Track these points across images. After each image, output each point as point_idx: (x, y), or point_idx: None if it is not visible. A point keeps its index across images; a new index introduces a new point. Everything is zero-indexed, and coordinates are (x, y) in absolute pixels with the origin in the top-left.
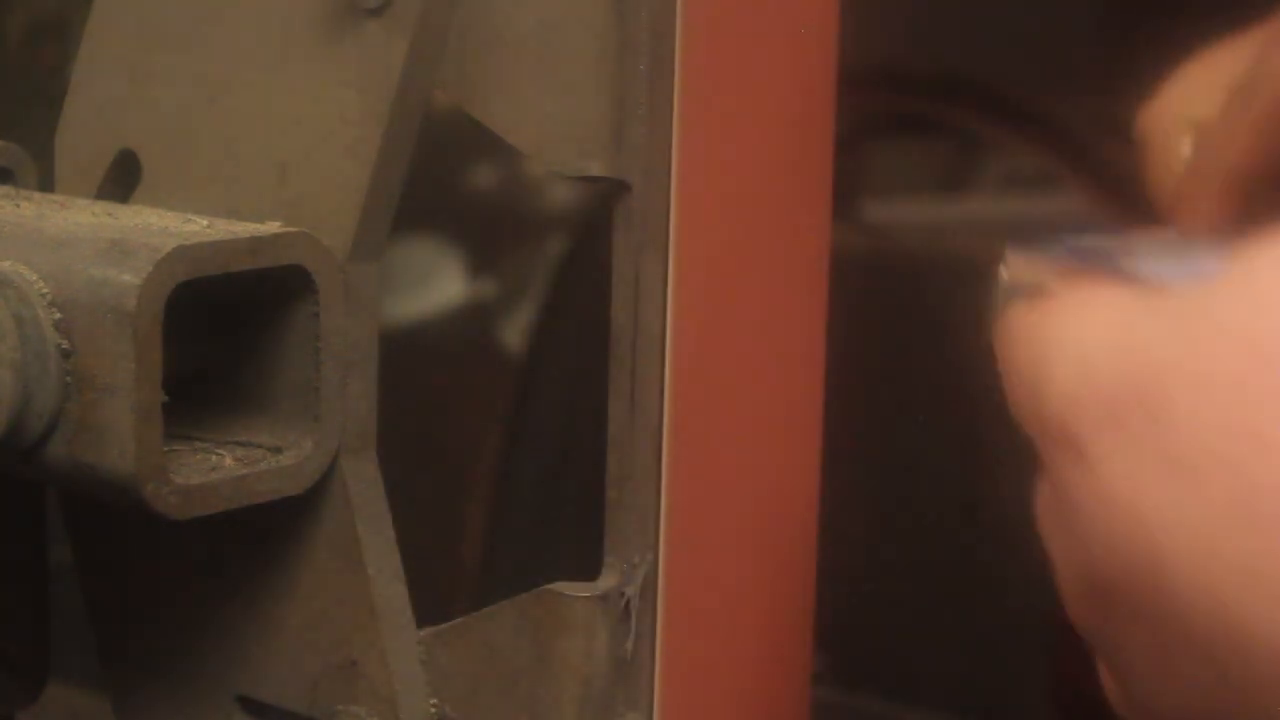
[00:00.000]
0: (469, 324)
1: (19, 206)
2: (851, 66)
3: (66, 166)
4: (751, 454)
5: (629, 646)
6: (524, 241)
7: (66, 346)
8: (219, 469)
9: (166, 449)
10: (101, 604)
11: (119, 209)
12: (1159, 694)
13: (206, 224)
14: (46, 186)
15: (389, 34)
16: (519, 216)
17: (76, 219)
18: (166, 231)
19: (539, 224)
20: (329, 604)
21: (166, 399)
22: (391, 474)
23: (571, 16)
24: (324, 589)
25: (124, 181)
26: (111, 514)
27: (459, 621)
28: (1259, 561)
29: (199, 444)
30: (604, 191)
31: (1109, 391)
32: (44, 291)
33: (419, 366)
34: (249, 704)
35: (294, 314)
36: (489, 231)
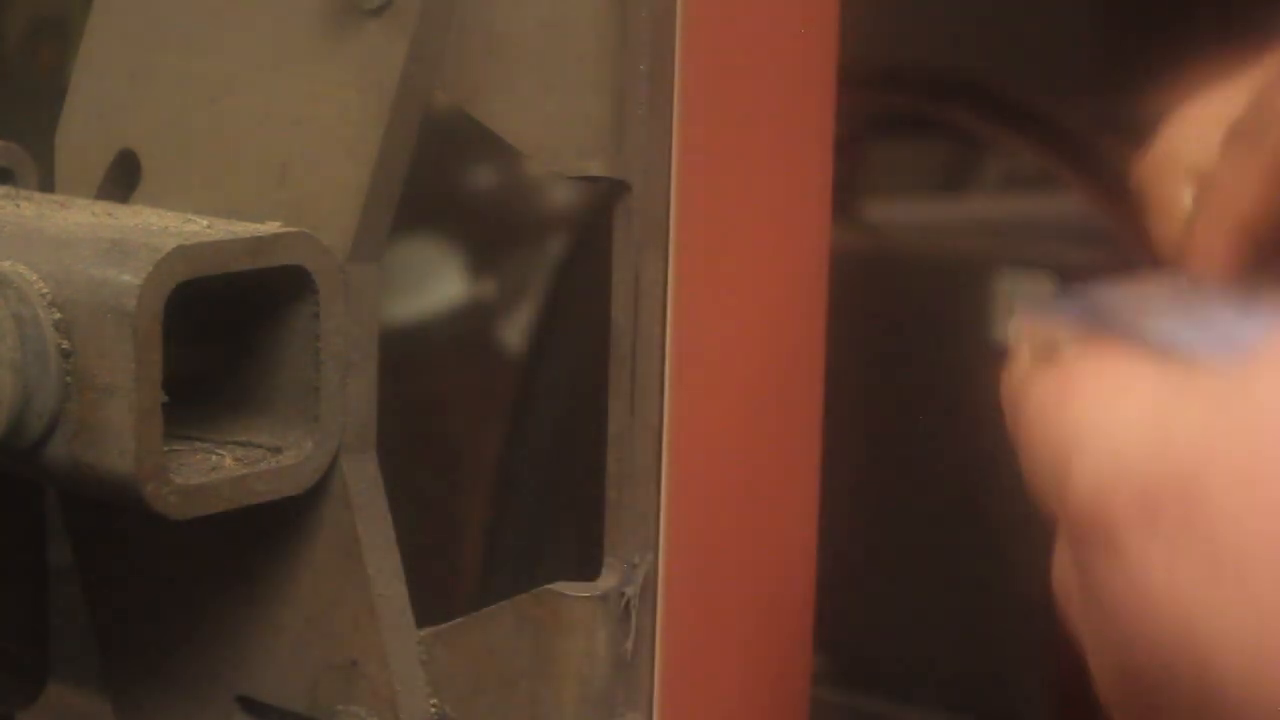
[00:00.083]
0: (469, 324)
1: (19, 206)
2: (851, 66)
3: (66, 166)
4: (751, 454)
5: (629, 646)
6: (524, 241)
7: (66, 346)
8: (219, 469)
9: (166, 449)
10: (101, 604)
11: (119, 209)
12: None
13: (206, 224)
14: (46, 186)
15: (389, 34)
16: (519, 216)
17: (76, 219)
18: (166, 231)
19: (539, 224)
20: (329, 604)
21: (166, 399)
22: (391, 474)
23: (571, 16)
24: (324, 589)
25: (124, 181)
26: (111, 514)
27: (459, 621)
28: None
29: (199, 444)
30: (604, 191)
31: (1142, 486)
32: (44, 291)
33: (419, 366)
34: (249, 704)
35: (294, 314)
36: (489, 231)
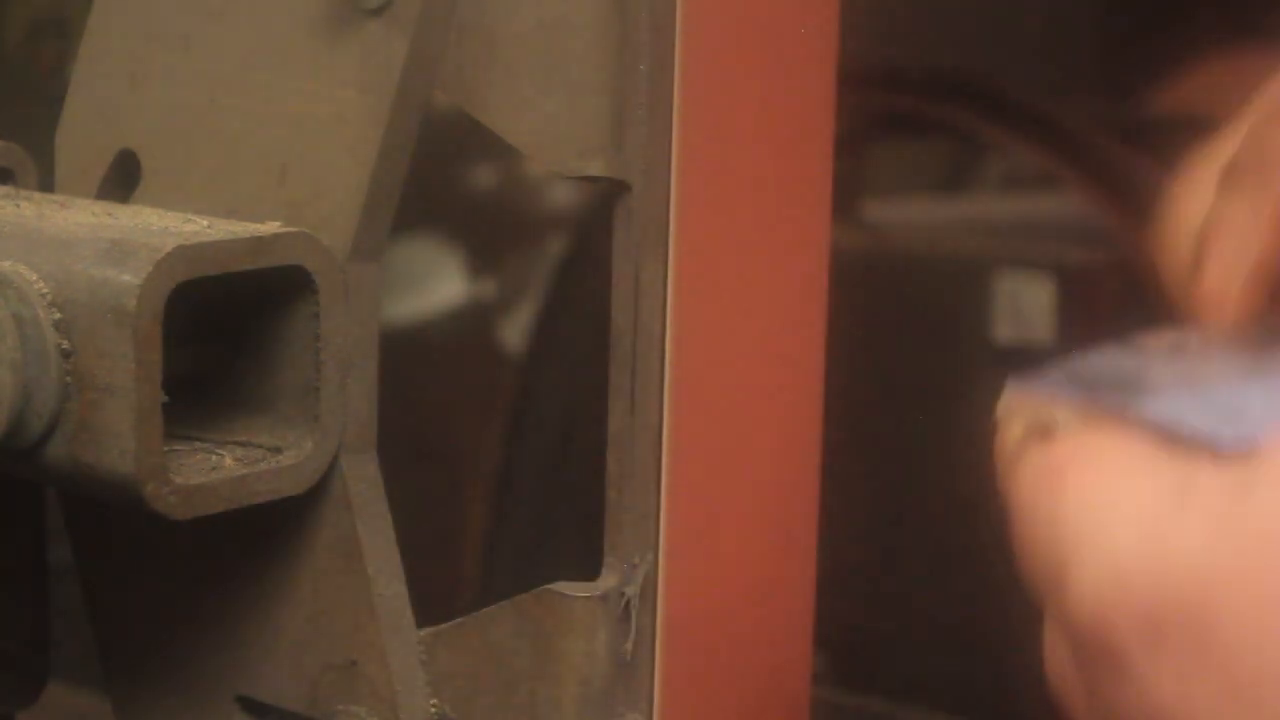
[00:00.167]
0: (469, 324)
1: (19, 206)
2: (851, 66)
3: (66, 166)
4: (751, 454)
5: (629, 646)
6: (524, 241)
7: (66, 346)
8: (219, 469)
9: (166, 449)
10: (101, 604)
11: (119, 209)
12: None
13: (206, 224)
14: (46, 186)
15: (389, 34)
16: (519, 216)
17: (76, 219)
18: (166, 231)
19: (539, 224)
20: (329, 604)
21: (166, 399)
22: (391, 474)
23: (571, 16)
24: (324, 589)
25: (124, 181)
26: (111, 514)
27: (459, 621)
28: None
29: (199, 444)
30: (604, 191)
31: (1146, 608)
32: (44, 291)
33: (419, 366)
34: (249, 704)
35: (294, 314)
36: (489, 231)
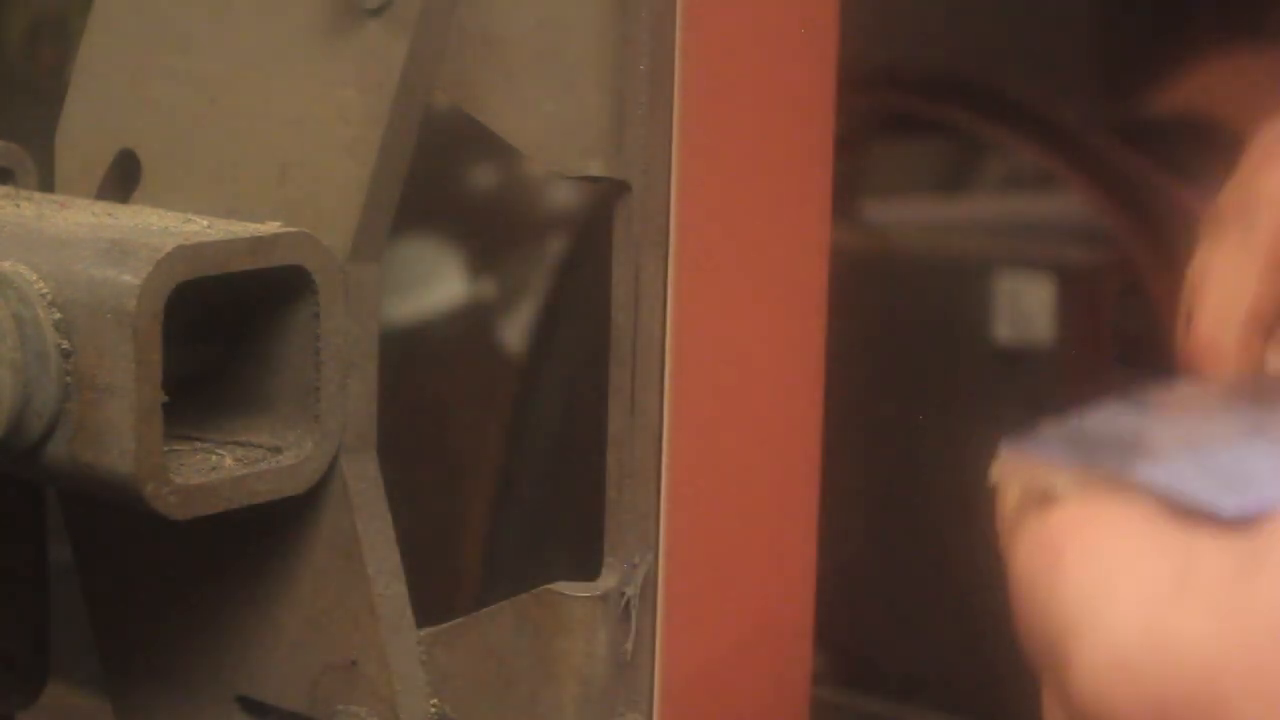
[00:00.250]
0: (469, 324)
1: (19, 206)
2: (851, 66)
3: (66, 166)
4: (751, 454)
5: (629, 646)
6: (524, 241)
7: (66, 346)
8: (219, 469)
9: (166, 449)
10: (101, 604)
11: (119, 209)
12: None
13: (206, 224)
14: (46, 186)
15: (389, 34)
16: (519, 216)
17: (76, 219)
18: (166, 231)
19: (539, 224)
20: (329, 604)
21: (166, 399)
22: (391, 474)
23: (571, 16)
24: (324, 589)
25: (124, 182)
26: (112, 514)
27: (459, 621)
28: None
29: (199, 444)
30: (604, 191)
31: (1152, 692)
32: (44, 291)
33: (420, 366)
34: (249, 704)
35: (294, 314)
36: (489, 231)
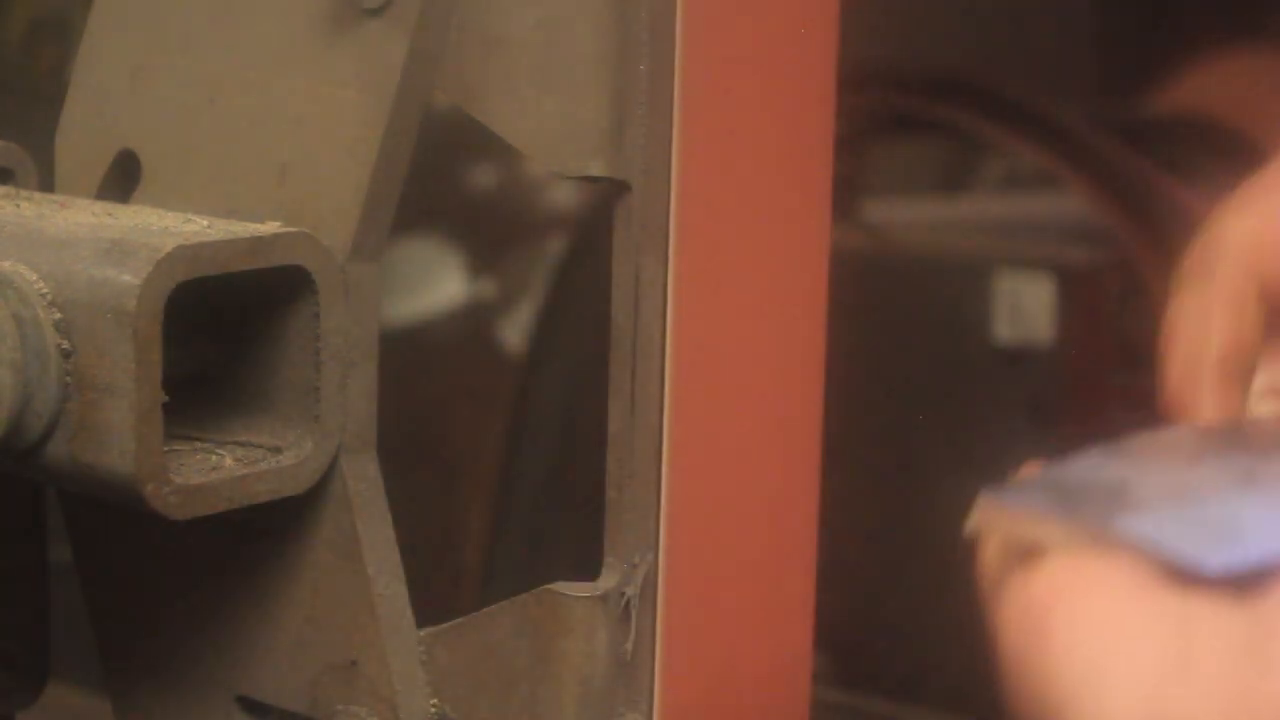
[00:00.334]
0: (469, 324)
1: (19, 206)
2: (851, 66)
3: (66, 166)
4: (751, 454)
5: (629, 646)
6: (524, 241)
7: (66, 346)
8: (219, 469)
9: (166, 449)
10: (101, 604)
11: (119, 209)
12: None
13: (206, 224)
14: (46, 186)
15: (389, 34)
16: (519, 216)
17: (76, 219)
18: (166, 231)
19: (539, 224)
20: (329, 604)
21: (166, 399)
22: (391, 474)
23: (571, 16)
24: (324, 589)
25: (124, 182)
26: (112, 514)
27: (459, 621)
28: None
29: (199, 444)
30: (604, 191)
31: None
32: (44, 291)
33: (419, 366)
34: (249, 704)
35: (294, 314)
36: (489, 231)
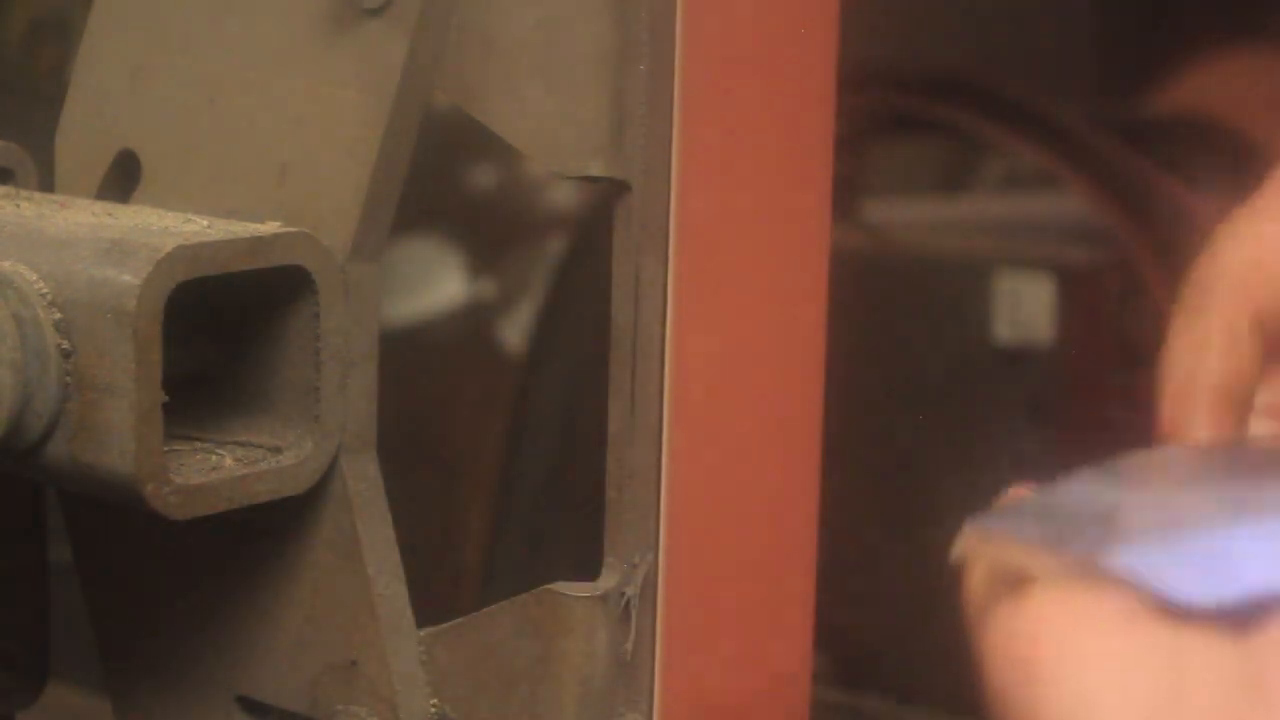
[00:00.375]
0: (469, 324)
1: (19, 206)
2: (851, 66)
3: (66, 166)
4: (751, 454)
5: (629, 646)
6: (524, 241)
7: (66, 346)
8: (219, 469)
9: (166, 449)
10: (101, 604)
11: (119, 209)
12: None
13: (206, 224)
14: (46, 186)
15: (389, 34)
16: (519, 216)
17: (76, 219)
18: (166, 231)
19: (539, 224)
20: (329, 604)
21: (166, 399)
22: (391, 474)
23: (571, 16)
24: (324, 589)
25: (124, 182)
26: (112, 514)
27: (459, 621)
28: None
29: (199, 444)
30: (604, 191)
31: None
32: (44, 291)
33: (420, 366)
34: (249, 704)
35: (294, 314)
36: (489, 231)
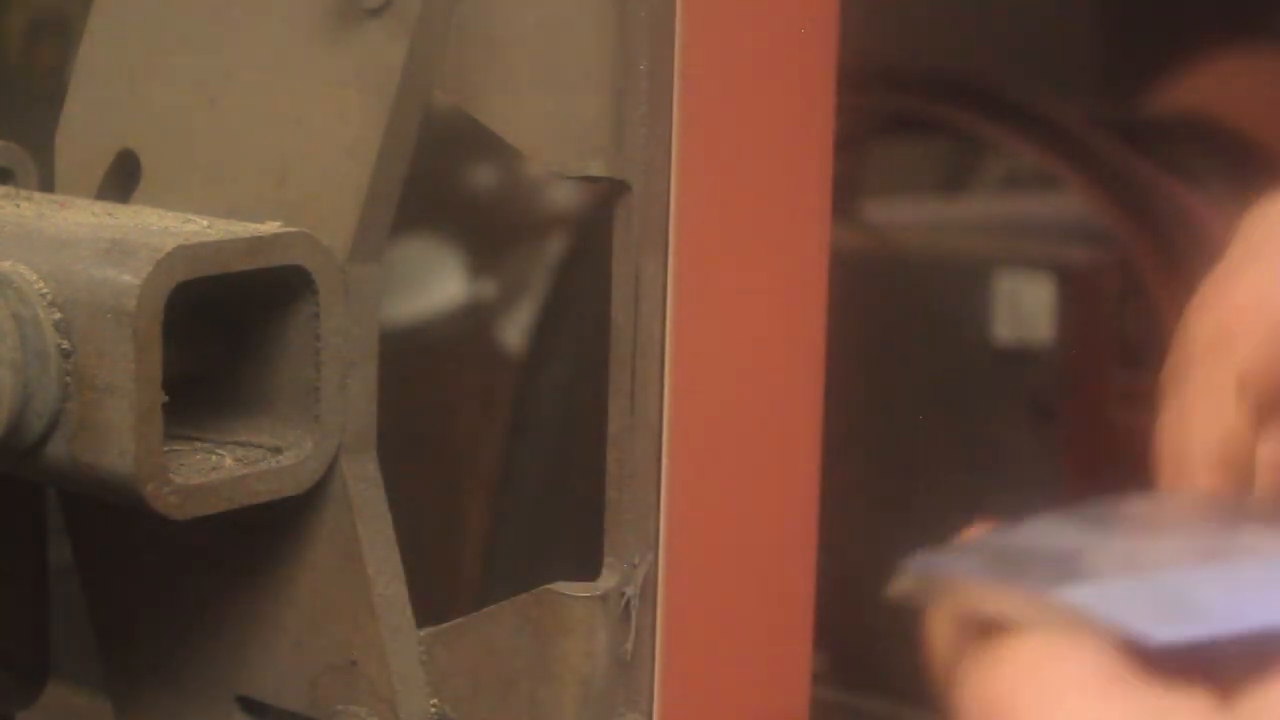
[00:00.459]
0: (469, 324)
1: (19, 206)
2: (851, 66)
3: (66, 166)
4: (751, 453)
5: (629, 646)
6: (524, 241)
7: (66, 346)
8: (219, 469)
9: (166, 449)
10: (101, 604)
11: (119, 209)
12: None
13: (206, 224)
14: (46, 186)
15: (389, 34)
16: (519, 216)
17: (76, 219)
18: (166, 231)
19: (539, 224)
20: (329, 604)
21: (166, 399)
22: (391, 474)
23: (571, 16)
24: (324, 589)
25: (124, 181)
26: (112, 514)
27: (459, 621)
28: None
29: (199, 444)
30: (604, 191)
31: None
32: (44, 291)
33: (419, 366)
34: (249, 704)
35: (294, 314)
36: (489, 231)
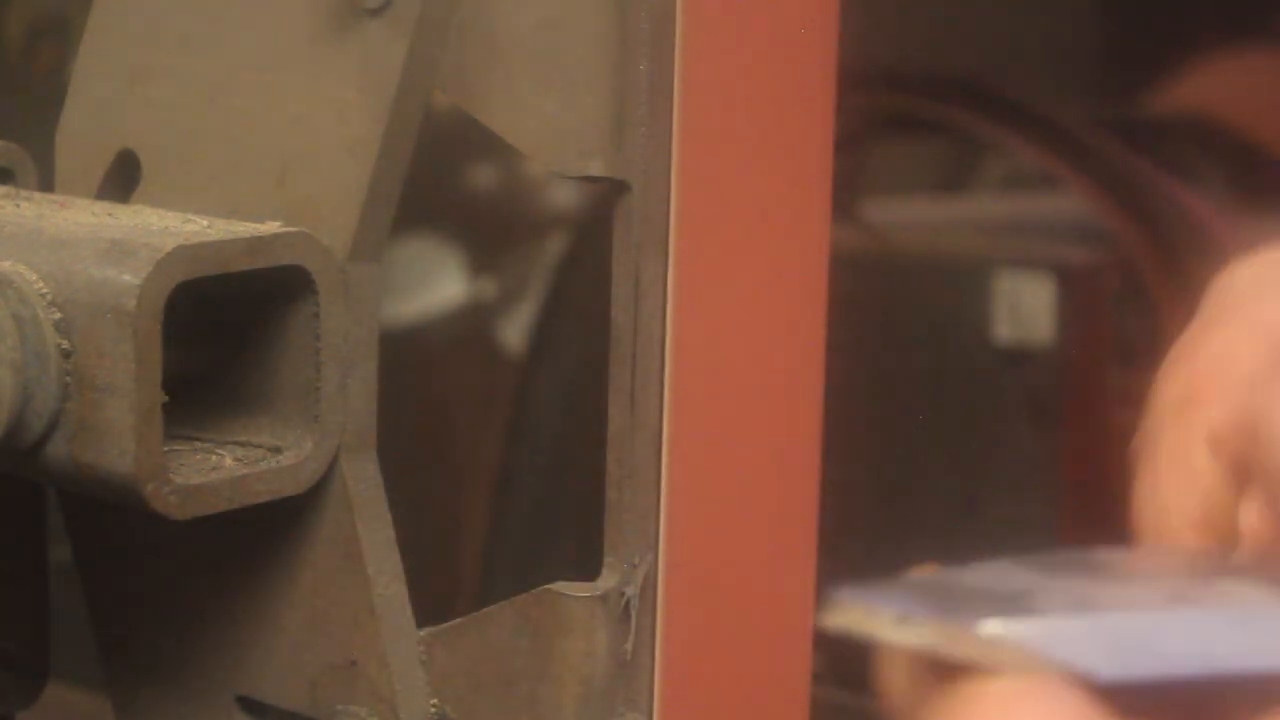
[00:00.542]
0: (469, 324)
1: (19, 206)
2: (851, 66)
3: (66, 166)
4: (751, 453)
5: (629, 646)
6: (524, 241)
7: (66, 346)
8: (219, 469)
9: (166, 449)
10: (101, 604)
11: (119, 209)
12: None
13: (206, 224)
14: (46, 186)
15: (389, 34)
16: (519, 216)
17: (76, 219)
18: (166, 231)
19: (539, 224)
20: (329, 604)
21: (166, 399)
22: (391, 474)
23: (571, 16)
24: (324, 589)
25: (124, 182)
26: (112, 514)
27: (459, 621)
28: None
29: (199, 444)
30: (604, 191)
31: None
32: (44, 291)
33: (419, 366)
34: (249, 704)
35: (294, 314)
36: (489, 231)
